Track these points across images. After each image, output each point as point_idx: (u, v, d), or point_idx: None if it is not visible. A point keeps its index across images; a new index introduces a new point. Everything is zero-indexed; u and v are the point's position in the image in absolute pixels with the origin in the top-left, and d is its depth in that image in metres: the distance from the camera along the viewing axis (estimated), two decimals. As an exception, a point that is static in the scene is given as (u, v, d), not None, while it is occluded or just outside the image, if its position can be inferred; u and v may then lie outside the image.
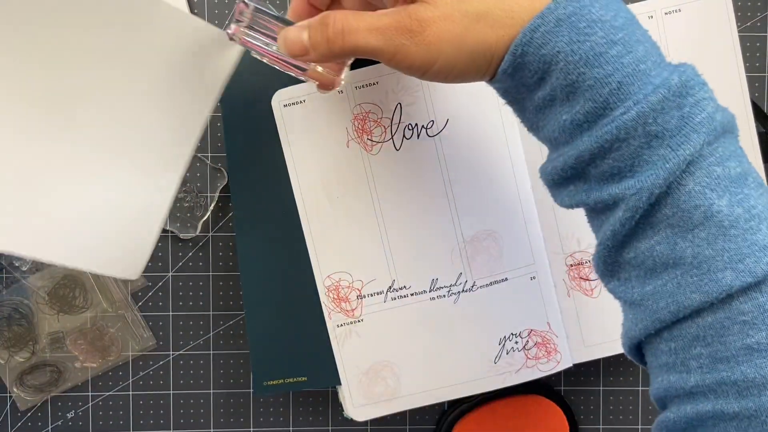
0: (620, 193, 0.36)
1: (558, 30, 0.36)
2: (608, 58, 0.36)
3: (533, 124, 0.41)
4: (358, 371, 0.57)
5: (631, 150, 0.36)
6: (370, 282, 0.56)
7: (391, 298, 0.56)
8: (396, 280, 0.56)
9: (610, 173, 0.37)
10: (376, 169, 0.55)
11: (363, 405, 0.57)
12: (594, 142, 0.36)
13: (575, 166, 0.38)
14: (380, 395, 0.57)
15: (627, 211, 0.36)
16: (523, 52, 0.37)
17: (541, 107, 0.39)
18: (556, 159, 0.39)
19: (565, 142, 0.38)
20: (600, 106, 0.36)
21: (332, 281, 0.56)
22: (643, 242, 0.37)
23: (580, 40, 0.36)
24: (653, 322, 0.37)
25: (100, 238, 0.49)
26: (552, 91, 0.37)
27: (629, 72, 0.36)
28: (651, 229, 0.37)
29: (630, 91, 0.36)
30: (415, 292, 0.56)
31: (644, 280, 0.38)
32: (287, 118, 0.55)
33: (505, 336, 0.57)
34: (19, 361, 0.60)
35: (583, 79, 0.36)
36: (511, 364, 0.57)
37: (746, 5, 0.60)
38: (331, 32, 0.40)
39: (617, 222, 0.37)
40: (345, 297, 0.56)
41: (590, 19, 0.36)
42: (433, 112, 0.55)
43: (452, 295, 0.56)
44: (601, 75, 0.36)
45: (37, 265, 0.59)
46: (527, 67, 0.37)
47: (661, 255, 0.37)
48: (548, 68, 0.37)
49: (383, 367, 0.57)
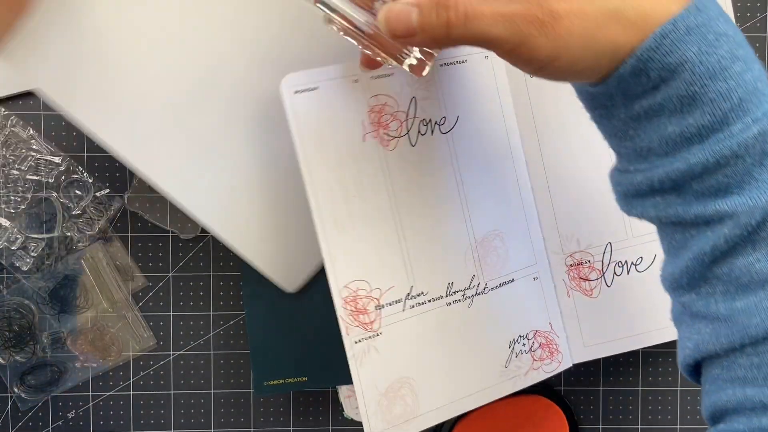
0: (729, 211, 0.36)
1: (688, 38, 0.35)
2: (732, 73, 0.35)
3: (620, 132, 0.39)
4: (377, 392, 0.52)
5: (744, 167, 0.35)
6: (389, 290, 0.52)
7: (409, 306, 0.52)
8: (414, 286, 0.52)
9: (716, 188, 0.36)
10: (392, 165, 0.51)
11: (383, 430, 0.52)
12: (709, 157, 0.36)
13: (678, 179, 0.37)
14: (399, 417, 0.52)
15: (736, 228, 0.36)
16: (649, 57, 0.35)
17: (641, 116, 0.38)
18: (650, 170, 0.38)
19: (665, 153, 0.37)
20: (718, 121, 0.35)
21: (350, 291, 0.51)
22: (741, 258, 0.36)
23: (709, 52, 0.35)
24: (742, 337, 0.36)
25: (280, 244, 0.56)
26: (663, 101, 0.36)
27: (750, 89, 0.35)
28: (751, 245, 0.36)
29: (749, 108, 0.35)
30: (433, 298, 0.53)
31: (734, 295, 0.37)
32: (299, 107, 0.49)
33: (514, 338, 0.56)
34: (19, 361, 0.60)
35: (705, 92, 0.35)
36: (519, 367, 0.56)
37: (746, 5, 0.60)
38: (453, 15, 0.37)
39: (721, 238, 0.36)
40: (363, 308, 0.51)
41: (718, 32, 0.35)
42: (446, 108, 0.52)
43: (467, 299, 0.54)
44: (724, 89, 0.35)
45: (37, 265, 0.59)
46: (646, 74, 0.36)
47: (759, 272, 0.36)
48: (670, 76, 0.36)
49: (402, 385, 0.53)
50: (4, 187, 0.59)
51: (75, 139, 0.59)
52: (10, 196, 0.59)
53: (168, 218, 0.59)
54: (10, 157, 0.59)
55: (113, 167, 0.60)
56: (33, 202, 0.59)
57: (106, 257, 0.59)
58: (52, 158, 0.59)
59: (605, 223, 0.56)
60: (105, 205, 0.59)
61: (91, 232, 0.59)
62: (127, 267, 0.60)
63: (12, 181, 0.59)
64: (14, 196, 0.59)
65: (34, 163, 0.59)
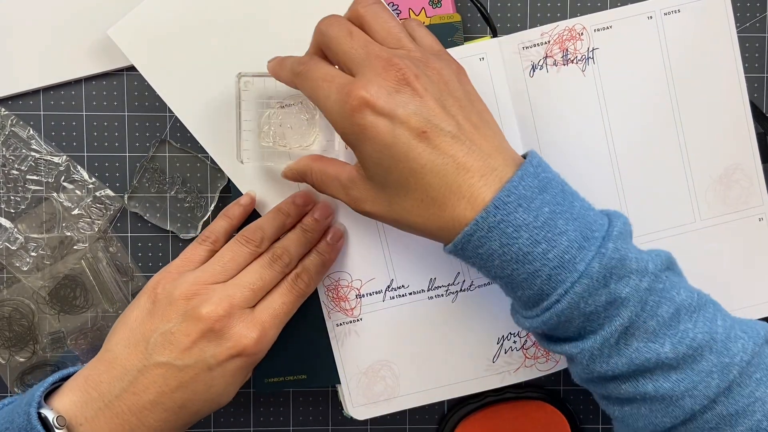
0: (569, 353, 0.45)
1: (491, 235, 0.42)
2: (535, 255, 0.42)
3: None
4: (358, 371, 0.57)
5: (575, 325, 0.44)
6: (369, 281, 0.56)
7: (389, 297, 0.56)
8: (394, 280, 0.56)
9: (564, 338, 0.45)
10: None
11: (363, 405, 0.57)
12: (542, 324, 0.44)
13: (543, 332, 0.46)
14: (380, 395, 0.57)
15: (579, 364, 0.45)
16: (463, 247, 0.44)
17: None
18: (529, 320, 0.45)
19: (530, 308, 0.45)
20: (536, 293, 0.43)
21: (331, 280, 0.56)
22: (610, 383, 0.45)
23: (510, 243, 0.42)
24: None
25: None
26: (494, 279, 0.45)
27: (555, 264, 0.42)
28: (594, 377, 0.45)
29: (559, 280, 0.42)
30: (414, 292, 0.56)
31: (620, 403, 0.46)
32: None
33: (504, 335, 0.57)
34: (19, 360, 0.60)
35: (517, 274, 0.43)
36: (509, 363, 0.57)
37: (746, 5, 0.60)
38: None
39: (577, 373, 0.47)
40: (344, 296, 0.56)
41: (516, 225, 0.42)
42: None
43: (450, 294, 0.56)
44: (531, 270, 0.42)
45: (37, 264, 0.59)
46: (469, 260, 0.45)
47: (626, 392, 0.44)
48: (485, 263, 0.44)
49: (382, 367, 0.57)
50: (4, 187, 0.59)
51: (75, 139, 0.59)
52: (10, 196, 0.59)
53: (168, 218, 0.60)
54: (10, 157, 0.59)
55: (113, 167, 0.60)
56: (33, 202, 0.59)
57: (106, 257, 0.60)
58: (52, 158, 0.59)
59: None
60: (105, 205, 0.59)
61: (91, 232, 0.59)
62: (127, 267, 0.60)
63: (12, 181, 0.59)
64: (14, 196, 0.59)
65: (34, 163, 0.59)
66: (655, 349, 0.43)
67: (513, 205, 0.42)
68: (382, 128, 0.43)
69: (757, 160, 0.56)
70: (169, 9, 0.55)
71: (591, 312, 0.43)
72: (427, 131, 0.43)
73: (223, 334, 0.48)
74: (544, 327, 0.44)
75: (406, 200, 0.45)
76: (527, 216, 0.42)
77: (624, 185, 0.56)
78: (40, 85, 0.58)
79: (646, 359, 0.43)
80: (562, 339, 0.46)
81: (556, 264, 0.42)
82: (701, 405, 0.43)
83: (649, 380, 0.43)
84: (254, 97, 0.54)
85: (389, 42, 0.46)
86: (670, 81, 0.56)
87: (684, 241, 0.56)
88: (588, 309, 0.42)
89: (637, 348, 0.43)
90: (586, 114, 0.55)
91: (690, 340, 0.43)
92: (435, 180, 0.43)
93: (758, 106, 0.60)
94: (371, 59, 0.44)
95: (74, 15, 0.58)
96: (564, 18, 0.60)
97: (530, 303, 0.44)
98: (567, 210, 0.43)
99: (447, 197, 0.43)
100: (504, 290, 0.46)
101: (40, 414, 0.45)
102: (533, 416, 0.60)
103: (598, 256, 0.42)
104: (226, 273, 0.51)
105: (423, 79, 0.44)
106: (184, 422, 0.49)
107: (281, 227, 0.53)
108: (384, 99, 0.43)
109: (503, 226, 0.42)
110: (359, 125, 0.44)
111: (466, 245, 0.43)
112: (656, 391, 0.43)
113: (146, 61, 0.55)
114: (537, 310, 0.44)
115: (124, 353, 0.48)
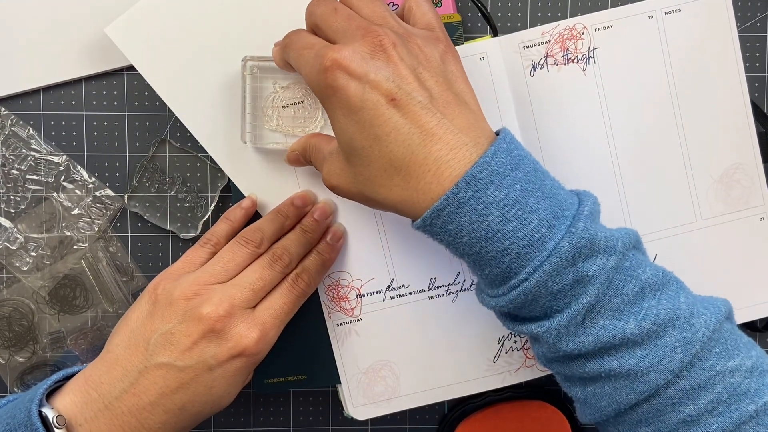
0: (540, 332, 0.44)
1: (460, 211, 0.42)
2: (505, 233, 0.42)
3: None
4: (358, 370, 0.57)
5: (541, 304, 0.43)
6: (370, 281, 0.56)
7: (390, 297, 0.56)
8: (395, 279, 0.56)
9: (530, 318, 0.45)
10: None
11: (363, 405, 0.57)
12: (508, 302, 0.44)
13: (507, 311, 0.46)
14: (380, 395, 0.57)
15: (545, 344, 0.45)
16: (431, 223, 0.43)
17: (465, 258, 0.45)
18: (494, 299, 0.45)
19: (496, 287, 0.45)
20: (504, 271, 0.43)
21: (332, 280, 0.56)
22: (575, 362, 0.45)
23: (479, 220, 0.42)
24: (600, 416, 0.46)
25: None
26: (461, 256, 0.45)
27: (525, 243, 0.42)
28: (582, 353, 0.45)
29: (528, 258, 0.42)
30: (414, 291, 0.56)
31: (583, 384, 0.46)
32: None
33: (504, 335, 0.57)
34: (19, 360, 0.60)
35: (485, 252, 0.43)
36: (510, 363, 0.57)
37: (746, 5, 0.60)
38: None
39: (542, 354, 0.47)
40: (344, 296, 0.56)
41: (487, 202, 0.41)
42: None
43: (451, 294, 0.56)
44: (500, 248, 0.42)
45: (37, 264, 0.59)
46: (436, 237, 0.44)
47: (591, 370, 0.44)
48: (453, 240, 0.43)
49: (382, 367, 0.57)
50: (4, 187, 0.59)
51: (75, 139, 0.59)
52: (10, 195, 0.59)
53: (168, 218, 0.60)
54: (10, 156, 0.59)
55: (113, 167, 0.60)
56: (33, 202, 0.59)
57: (106, 257, 0.59)
58: (52, 158, 0.59)
59: (603, 221, 0.56)
60: (105, 204, 0.59)
61: (91, 232, 0.59)
62: (127, 267, 0.60)
63: (12, 181, 0.59)
64: (14, 196, 0.59)
65: (33, 162, 0.59)
66: (621, 326, 0.43)
67: (485, 181, 0.42)
68: (352, 90, 0.43)
69: (758, 159, 0.56)
70: (166, 6, 0.55)
71: (558, 290, 0.43)
72: (397, 98, 0.43)
73: (223, 334, 0.48)
74: (510, 306, 0.44)
75: (369, 169, 0.44)
76: (498, 193, 0.42)
77: (625, 184, 0.56)
78: (40, 85, 0.58)
79: (612, 336, 0.43)
80: (528, 318, 0.45)
81: (525, 242, 0.42)
82: (665, 380, 0.43)
83: (614, 357, 0.43)
84: (258, 80, 0.54)
85: (374, 20, 0.46)
86: (670, 80, 0.56)
87: (684, 241, 0.56)
88: (555, 287, 0.42)
89: (603, 326, 0.43)
90: (587, 113, 0.55)
91: (654, 316, 0.43)
92: (399, 149, 0.43)
93: (759, 105, 0.60)
94: (352, 29, 0.45)
95: (74, 15, 0.57)
96: (565, 17, 0.60)
97: (497, 281, 0.44)
98: (539, 188, 0.43)
99: (411, 167, 0.43)
100: (470, 268, 0.46)
101: (41, 412, 0.45)
102: (533, 416, 0.60)
103: (568, 235, 0.42)
104: (226, 273, 0.51)
105: (400, 48, 0.44)
106: (183, 425, 0.49)
107: (280, 228, 0.53)
108: (357, 62, 0.43)
109: (473, 203, 0.42)
110: (331, 87, 0.43)
111: (435, 221, 0.43)
112: (621, 367, 0.43)
113: (144, 59, 0.55)
114: (504, 289, 0.44)
115: (124, 354, 0.48)
